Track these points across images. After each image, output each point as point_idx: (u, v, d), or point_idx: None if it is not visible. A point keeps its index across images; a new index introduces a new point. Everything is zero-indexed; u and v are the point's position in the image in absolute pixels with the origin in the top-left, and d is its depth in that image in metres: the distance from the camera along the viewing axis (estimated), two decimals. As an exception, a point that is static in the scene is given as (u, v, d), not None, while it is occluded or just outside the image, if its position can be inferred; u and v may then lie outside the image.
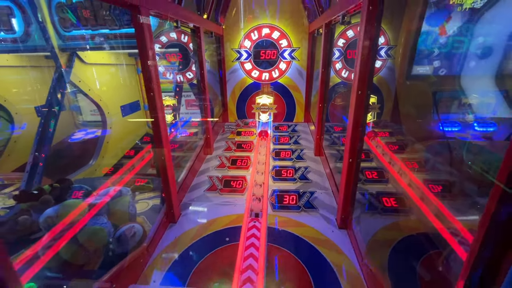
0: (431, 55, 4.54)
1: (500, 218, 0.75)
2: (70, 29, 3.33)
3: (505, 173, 0.71)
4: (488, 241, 0.80)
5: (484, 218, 0.79)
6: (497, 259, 0.78)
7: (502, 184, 0.71)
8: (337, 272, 2.16)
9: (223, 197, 3.22)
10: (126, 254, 2.28)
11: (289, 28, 5.14)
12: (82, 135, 5.37)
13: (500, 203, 0.75)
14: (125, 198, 2.83)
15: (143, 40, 2.10)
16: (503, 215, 0.75)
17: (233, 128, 5.27)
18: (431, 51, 4.50)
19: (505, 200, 0.73)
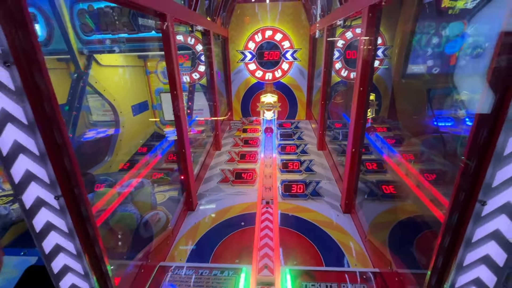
0: (425, 55, 4.83)
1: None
2: (90, 34, 3.57)
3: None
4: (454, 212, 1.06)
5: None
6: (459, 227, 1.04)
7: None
8: (343, 248, 2.43)
9: (235, 188, 3.48)
10: (152, 237, 2.54)
11: (291, 30, 5.42)
12: (93, 134, 5.60)
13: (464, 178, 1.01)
14: (147, 188, 3.08)
15: (168, 43, 2.35)
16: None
17: (239, 125, 5.53)
18: (425, 51, 4.80)
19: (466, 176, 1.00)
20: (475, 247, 0.95)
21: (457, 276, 1.00)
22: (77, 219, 1.07)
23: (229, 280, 2.06)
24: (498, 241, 0.93)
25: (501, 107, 0.78)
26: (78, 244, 1.09)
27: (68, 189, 1.02)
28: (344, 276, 2.09)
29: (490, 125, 0.81)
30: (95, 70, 4.16)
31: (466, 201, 0.93)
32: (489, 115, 0.81)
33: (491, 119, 0.81)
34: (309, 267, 2.18)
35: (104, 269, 1.22)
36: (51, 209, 1.01)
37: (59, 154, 0.97)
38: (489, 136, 0.83)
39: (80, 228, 1.09)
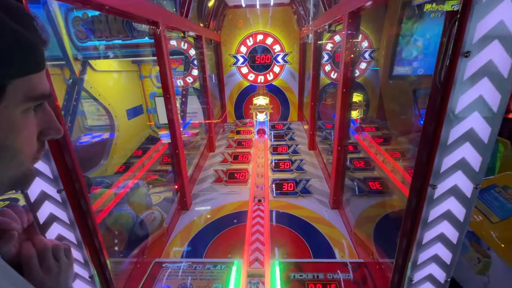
0: (410, 57, 5.03)
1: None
2: (85, 40, 3.67)
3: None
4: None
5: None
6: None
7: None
8: (331, 242, 2.55)
9: (228, 187, 3.59)
10: (147, 236, 2.63)
11: (281, 34, 5.58)
12: (89, 139, 5.68)
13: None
14: (142, 189, 3.18)
15: (161, 49, 2.47)
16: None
17: (232, 128, 5.65)
18: (409, 52, 4.99)
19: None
20: (430, 227, 1.09)
21: (418, 254, 1.13)
22: (77, 212, 1.18)
23: (221, 273, 2.17)
24: (450, 221, 1.06)
25: (443, 103, 0.92)
26: (79, 235, 1.19)
27: (69, 184, 1.13)
28: (330, 267, 2.21)
29: (436, 118, 0.95)
30: (90, 75, 4.25)
31: (421, 186, 1.06)
32: (435, 111, 0.96)
33: (436, 113, 0.95)
34: (297, 260, 2.30)
35: (102, 258, 1.32)
36: (54, 202, 1.12)
37: (60, 151, 1.08)
38: (435, 128, 0.97)
39: (80, 220, 1.19)
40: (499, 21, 0.79)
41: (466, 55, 0.84)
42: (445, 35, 0.87)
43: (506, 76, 0.84)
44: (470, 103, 0.89)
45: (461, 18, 0.83)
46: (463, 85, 0.87)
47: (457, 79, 0.87)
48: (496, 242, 2.25)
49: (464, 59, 0.85)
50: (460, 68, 0.86)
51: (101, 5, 1.62)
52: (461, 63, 0.85)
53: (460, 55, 0.85)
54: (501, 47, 0.81)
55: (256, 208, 2.95)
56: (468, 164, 0.96)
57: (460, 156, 0.96)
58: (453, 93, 0.89)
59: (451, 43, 0.85)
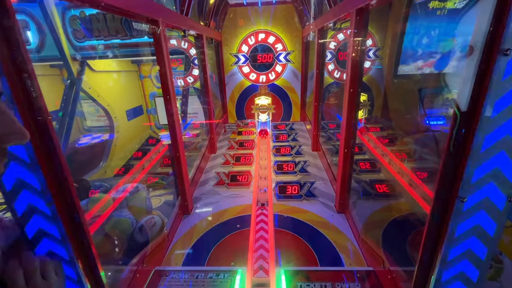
0: (416, 55, 4.91)
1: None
2: (83, 40, 3.58)
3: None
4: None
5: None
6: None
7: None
8: (337, 248, 2.45)
9: (231, 190, 3.50)
10: (148, 242, 2.54)
11: (283, 33, 5.47)
12: (88, 140, 5.58)
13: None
14: (142, 193, 3.08)
15: (160, 48, 2.37)
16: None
17: (234, 128, 5.56)
18: (415, 51, 4.88)
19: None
20: (457, 243, 0.98)
21: (442, 271, 1.03)
22: (69, 226, 1.08)
23: (224, 283, 2.07)
24: (479, 236, 0.96)
25: (477, 105, 0.81)
26: (71, 250, 1.10)
27: (60, 196, 1.04)
28: (338, 276, 2.11)
29: (467, 123, 0.85)
30: (89, 76, 4.16)
31: (447, 198, 0.96)
32: (466, 113, 0.85)
33: (467, 117, 0.85)
34: (304, 268, 2.21)
35: (97, 274, 1.23)
36: (43, 216, 1.02)
37: (50, 161, 0.99)
38: (466, 134, 0.86)
39: (72, 235, 1.10)
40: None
41: (505, 53, 0.74)
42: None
43: (551, 76, 0.74)
44: (509, 107, 0.79)
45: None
46: (500, 87, 0.77)
47: (494, 81, 0.77)
48: (508, 247, 2.16)
49: (503, 58, 0.74)
50: (499, 66, 0.75)
51: (97, 2, 1.52)
52: (499, 62, 0.75)
53: (499, 52, 0.74)
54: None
55: (259, 212, 2.85)
56: (502, 174, 0.86)
57: (495, 165, 0.86)
58: (490, 94, 0.78)
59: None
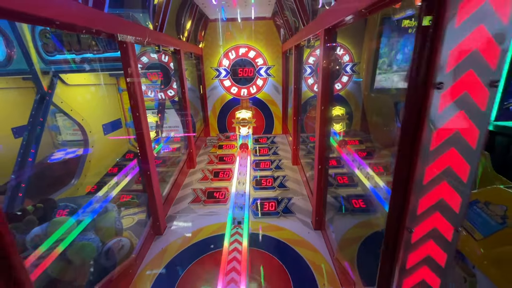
0: (390, 70, 5.09)
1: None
2: (53, 54, 3.47)
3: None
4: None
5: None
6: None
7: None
8: (312, 268, 2.40)
9: (207, 208, 3.40)
10: (115, 267, 2.39)
11: (264, 47, 5.55)
12: (62, 155, 5.34)
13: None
14: (111, 213, 2.93)
15: (129, 66, 2.31)
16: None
17: (215, 142, 5.49)
18: (389, 66, 5.05)
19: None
20: (409, 273, 0.96)
21: (398, 303, 1.00)
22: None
23: (192, 311, 1.96)
24: (430, 266, 0.94)
25: (417, 144, 0.80)
26: (0, 293, 0.99)
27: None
28: (311, 298, 2.05)
29: (409, 160, 0.84)
30: (61, 89, 4.02)
31: (397, 228, 0.94)
32: (409, 147, 0.84)
33: (409, 147, 0.84)
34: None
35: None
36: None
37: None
38: (409, 169, 0.85)
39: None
40: (473, 50, 0.69)
41: (438, 87, 0.73)
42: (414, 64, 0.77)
43: (483, 109, 0.74)
44: (446, 140, 0.78)
45: (432, 46, 0.73)
46: (436, 120, 0.76)
47: (431, 112, 0.76)
48: (480, 260, 2.17)
49: (437, 92, 0.74)
50: (433, 101, 0.75)
51: (50, 21, 1.46)
52: (434, 95, 0.75)
53: (433, 87, 0.74)
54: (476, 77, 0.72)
55: (234, 232, 2.77)
56: (447, 205, 0.85)
57: (439, 196, 0.85)
58: (427, 129, 0.78)
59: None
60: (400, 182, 0.88)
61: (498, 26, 0.68)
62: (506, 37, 0.69)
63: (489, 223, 2.28)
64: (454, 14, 0.67)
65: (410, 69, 0.81)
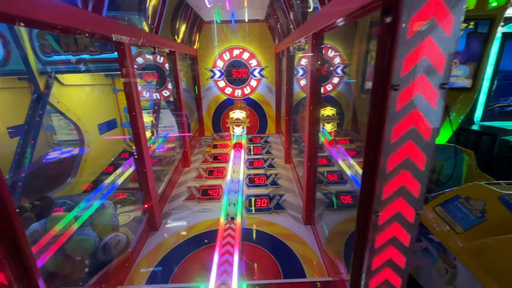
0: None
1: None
2: (50, 54, 3.54)
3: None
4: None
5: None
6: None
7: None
8: (302, 260, 2.52)
9: (201, 205, 3.50)
10: (111, 261, 2.48)
11: (258, 49, 5.68)
12: (57, 155, 5.38)
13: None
14: (108, 210, 3.02)
15: (126, 67, 2.41)
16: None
17: (209, 141, 5.59)
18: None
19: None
20: (378, 252, 1.09)
21: (368, 280, 1.13)
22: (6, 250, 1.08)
23: (186, 300, 2.06)
24: (395, 246, 1.07)
25: (380, 138, 0.93)
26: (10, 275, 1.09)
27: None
28: (299, 287, 2.17)
29: (375, 152, 0.97)
30: (58, 89, 4.08)
31: (366, 212, 1.06)
32: (374, 140, 0.97)
33: (375, 141, 0.96)
34: (266, 281, 2.25)
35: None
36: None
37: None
38: (374, 160, 0.98)
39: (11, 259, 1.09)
40: (423, 57, 0.82)
41: (395, 89, 0.86)
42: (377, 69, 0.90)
43: (435, 107, 0.88)
44: (405, 134, 0.91)
45: (389, 53, 0.85)
46: (395, 117, 0.89)
47: (390, 111, 0.89)
48: (460, 252, 2.32)
49: (394, 92, 0.87)
50: (391, 101, 0.88)
51: (52, 25, 1.56)
52: (392, 96, 0.87)
53: (391, 88, 0.87)
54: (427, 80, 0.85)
55: (227, 227, 2.88)
56: (408, 191, 0.98)
57: (400, 183, 0.97)
58: (387, 125, 0.91)
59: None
60: (368, 171, 1.00)
61: (443, 38, 0.81)
62: (450, 46, 0.83)
63: (469, 217, 2.43)
64: (406, 27, 0.80)
65: (374, 73, 0.93)
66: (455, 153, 4.00)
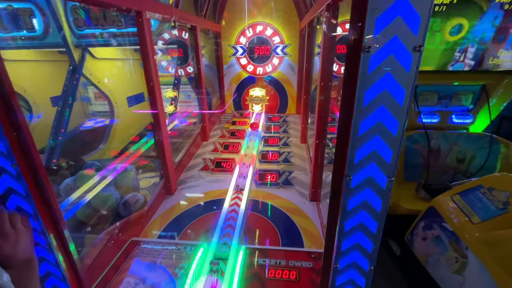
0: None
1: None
2: (83, 28, 3.82)
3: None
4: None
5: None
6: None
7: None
8: (302, 232, 2.62)
9: (214, 175, 3.70)
10: (130, 216, 2.78)
11: (281, 26, 5.54)
12: (92, 124, 5.93)
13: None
14: (130, 173, 3.34)
15: (143, 37, 2.56)
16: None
17: (229, 118, 5.73)
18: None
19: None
20: (350, 216, 1.14)
21: (341, 242, 1.19)
22: (32, 184, 1.30)
23: (190, 254, 2.29)
24: (368, 211, 1.11)
25: (353, 101, 0.95)
26: (35, 206, 1.32)
27: (23, 158, 1.25)
28: (295, 255, 2.29)
29: (346, 111, 0.99)
30: (90, 62, 4.42)
31: (339, 176, 1.11)
32: (347, 104, 0.99)
33: (346, 107, 0.99)
34: (264, 246, 2.39)
35: (60, 228, 1.45)
36: (9, 175, 1.24)
37: (13, 128, 1.20)
38: (348, 124, 1.00)
39: (36, 193, 1.32)
40: (396, 18, 0.81)
41: (367, 50, 0.87)
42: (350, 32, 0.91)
43: (408, 71, 0.87)
44: (376, 97, 0.92)
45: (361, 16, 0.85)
46: (367, 80, 0.90)
47: (360, 74, 0.90)
48: (474, 242, 2.25)
49: (365, 54, 0.88)
50: (362, 63, 0.89)
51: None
52: (363, 59, 0.88)
53: (362, 51, 0.88)
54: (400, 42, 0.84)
55: (235, 196, 3.04)
56: (380, 156, 1.00)
57: (372, 148, 1.00)
58: (359, 88, 0.92)
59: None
60: (341, 135, 1.03)
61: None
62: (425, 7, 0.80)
63: (489, 208, 2.33)
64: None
65: (348, 39, 0.94)
66: (490, 143, 3.71)
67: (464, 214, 2.40)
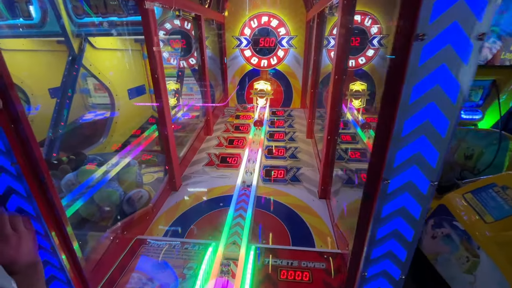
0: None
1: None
2: (82, 16, 3.65)
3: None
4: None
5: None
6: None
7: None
8: (312, 231, 2.54)
9: (220, 171, 3.60)
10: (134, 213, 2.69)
11: (287, 16, 5.36)
12: (92, 116, 5.79)
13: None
14: (133, 168, 3.23)
15: (148, 27, 2.42)
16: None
17: (233, 112, 5.61)
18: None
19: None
20: (384, 223, 1.04)
21: (371, 249, 1.10)
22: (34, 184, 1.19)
23: (198, 253, 2.21)
24: (404, 218, 1.01)
25: (396, 91, 0.84)
26: (37, 207, 1.22)
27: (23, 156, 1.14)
28: (307, 255, 2.21)
29: (388, 109, 0.88)
30: (90, 52, 4.26)
31: (374, 180, 1.01)
32: (389, 100, 0.88)
33: (388, 103, 0.88)
34: (274, 246, 2.31)
35: (64, 229, 1.36)
36: (9, 175, 1.14)
37: (12, 123, 1.08)
38: (389, 122, 0.90)
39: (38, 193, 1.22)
40: (458, 1, 0.70)
41: (421, 38, 0.76)
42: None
43: (466, 63, 0.76)
44: (426, 93, 0.81)
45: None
46: (417, 73, 0.79)
47: (410, 66, 0.79)
48: (487, 242, 2.18)
49: (418, 43, 0.76)
50: (413, 53, 0.78)
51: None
52: (415, 48, 0.77)
53: (414, 38, 0.76)
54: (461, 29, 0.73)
55: (242, 193, 2.95)
56: (424, 159, 0.90)
57: (416, 150, 0.90)
58: (407, 82, 0.81)
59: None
60: (380, 135, 0.93)
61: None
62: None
63: (503, 207, 2.24)
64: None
65: (396, 25, 0.82)
66: (499, 139, 3.63)
67: (476, 213, 2.33)
